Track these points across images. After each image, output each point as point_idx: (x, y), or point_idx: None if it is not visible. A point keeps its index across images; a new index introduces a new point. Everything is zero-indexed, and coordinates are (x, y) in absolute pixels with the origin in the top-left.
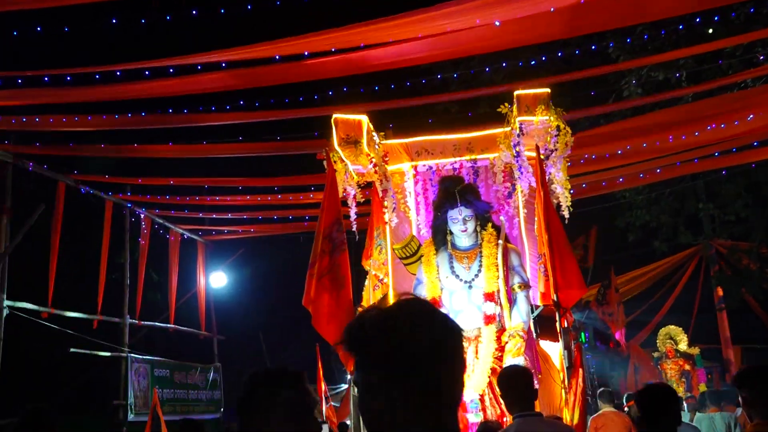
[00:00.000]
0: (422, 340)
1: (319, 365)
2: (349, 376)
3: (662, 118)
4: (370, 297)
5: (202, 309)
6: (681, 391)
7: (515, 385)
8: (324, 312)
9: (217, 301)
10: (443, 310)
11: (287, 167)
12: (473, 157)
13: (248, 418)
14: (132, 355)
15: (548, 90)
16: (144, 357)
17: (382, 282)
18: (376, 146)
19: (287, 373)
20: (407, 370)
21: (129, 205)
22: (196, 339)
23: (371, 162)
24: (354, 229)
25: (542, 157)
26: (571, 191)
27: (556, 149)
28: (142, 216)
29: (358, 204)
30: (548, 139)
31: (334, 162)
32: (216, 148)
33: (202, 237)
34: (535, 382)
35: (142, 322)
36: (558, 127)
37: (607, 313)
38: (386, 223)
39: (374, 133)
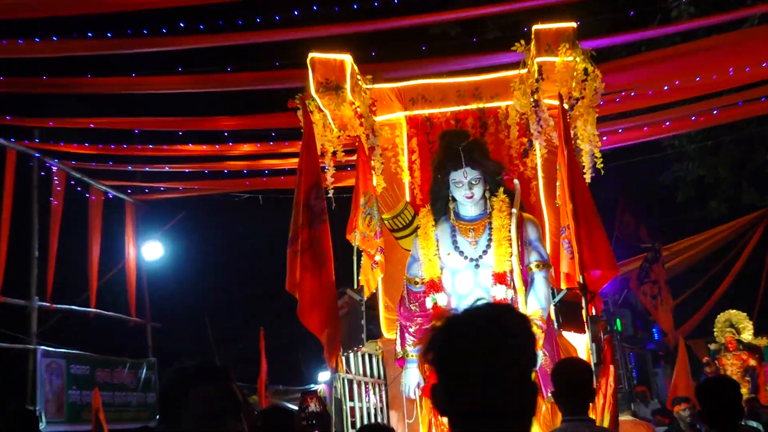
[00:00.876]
0: (517, 346)
1: (263, 353)
2: (328, 375)
3: (721, 44)
4: (369, 278)
5: (132, 288)
6: (745, 392)
7: (570, 381)
8: (307, 298)
9: (152, 278)
10: (443, 294)
11: (240, 107)
12: (481, 105)
13: (164, 416)
14: (42, 347)
15: (574, 25)
16: (58, 350)
17: (375, 261)
18: (362, 92)
19: (206, 369)
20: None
21: (37, 155)
22: (124, 327)
23: (355, 112)
24: (330, 194)
25: (566, 107)
26: (604, 138)
27: (582, 97)
28: (55, 169)
29: (338, 164)
30: (573, 84)
31: (311, 112)
32: (149, 82)
33: (132, 196)
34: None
35: (55, 306)
36: (586, 70)
37: (650, 294)
38: (375, 187)
39: (359, 77)
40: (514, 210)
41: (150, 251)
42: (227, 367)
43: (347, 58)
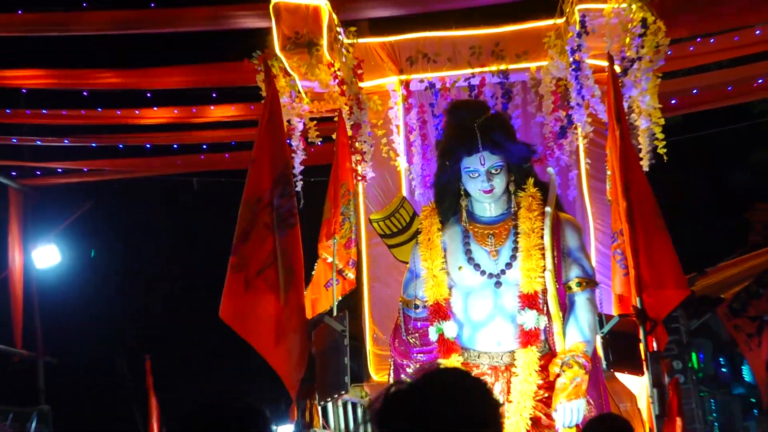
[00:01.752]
0: (457, 421)
1: (151, 392)
2: (290, 430)
3: None
4: (322, 297)
5: (18, 309)
6: None
7: None
8: (269, 326)
9: (46, 294)
10: (452, 322)
11: (168, 57)
12: (503, 67)
13: None
14: None
15: None
16: None
17: (343, 276)
18: (344, 50)
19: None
20: None
21: None
22: (6, 363)
23: (334, 76)
24: (299, 188)
25: (618, 69)
26: (672, 101)
27: (640, 58)
28: None
29: (310, 145)
30: (627, 41)
31: (274, 77)
32: (41, 21)
33: (18, 181)
34: None
35: None
36: (644, 20)
37: (746, 331)
38: (358, 178)
39: (339, 29)
40: (548, 209)
41: (43, 257)
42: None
43: (323, 4)
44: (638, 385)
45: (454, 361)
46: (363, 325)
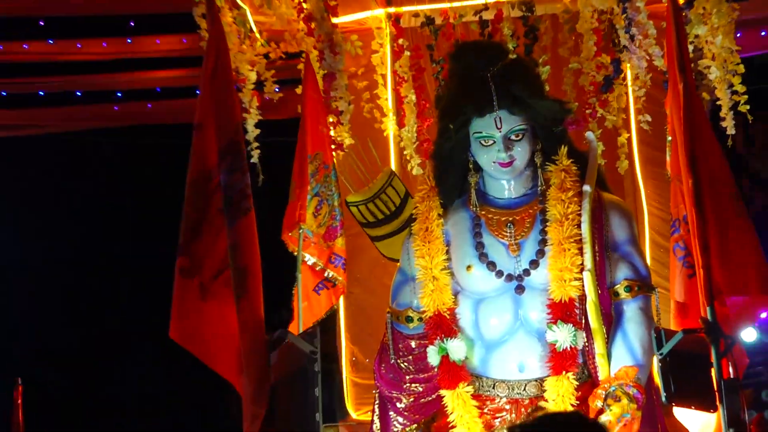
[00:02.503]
0: None
1: (20, 421)
2: None
3: None
4: (313, 305)
5: None
6: None
7: None
8: (230, 343)
9: None
10: (458, 341)
11: None
12: None
13: None
14: None
15: None
16: None
17: (331, 284)
18: None
19: None
20: None
21: None
22: None
23: (299, 10)
24: (255, 159)
25: (681, 0)
26: (762, 33)
27: None
28: None
29: (266, 102)
30: None
31: (219, 11)
32: None
33: None
34: None
35: None
36: None
37: None
38: (333, 146)
39: None
40: (586, 187)
41: None
42: None
43: None
44: (699, 423)
45: (462, 391)
46: (338, 345)
